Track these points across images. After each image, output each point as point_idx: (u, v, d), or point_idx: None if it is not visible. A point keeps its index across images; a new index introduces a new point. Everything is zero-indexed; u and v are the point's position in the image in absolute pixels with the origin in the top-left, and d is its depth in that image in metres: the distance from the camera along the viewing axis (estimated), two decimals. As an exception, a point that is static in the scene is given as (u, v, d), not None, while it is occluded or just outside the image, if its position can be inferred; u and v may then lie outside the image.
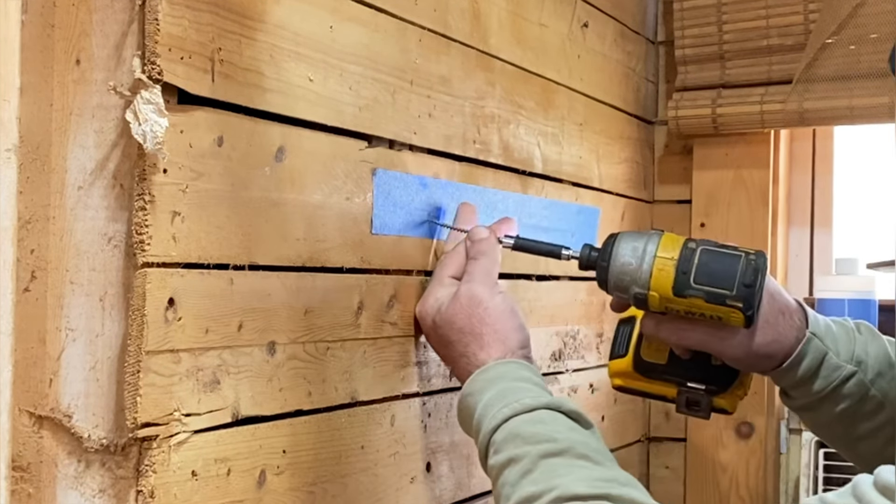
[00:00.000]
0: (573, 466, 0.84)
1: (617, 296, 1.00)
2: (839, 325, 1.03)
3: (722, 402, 1.04)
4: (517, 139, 1.26)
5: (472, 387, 0.95)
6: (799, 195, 1.75)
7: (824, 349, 1.00)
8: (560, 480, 0.82)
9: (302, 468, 0.90)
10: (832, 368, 1.00)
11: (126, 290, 0.74)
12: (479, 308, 0.98)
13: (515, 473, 0.86)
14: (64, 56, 0.76)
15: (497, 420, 0.90)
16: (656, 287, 0.96)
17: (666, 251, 0.96)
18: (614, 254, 0.97)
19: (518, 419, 0.89)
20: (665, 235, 0.97)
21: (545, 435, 0.87)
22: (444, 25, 1.10)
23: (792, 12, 1.58)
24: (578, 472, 0.83)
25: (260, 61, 0.84)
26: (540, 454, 0.85)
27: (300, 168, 0.89)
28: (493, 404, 0.91)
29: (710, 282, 0.94)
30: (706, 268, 0.94)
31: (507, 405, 0.90)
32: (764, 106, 1.59)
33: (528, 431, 0.88)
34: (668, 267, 0.95)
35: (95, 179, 0.75)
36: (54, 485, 0.75)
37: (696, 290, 0.95)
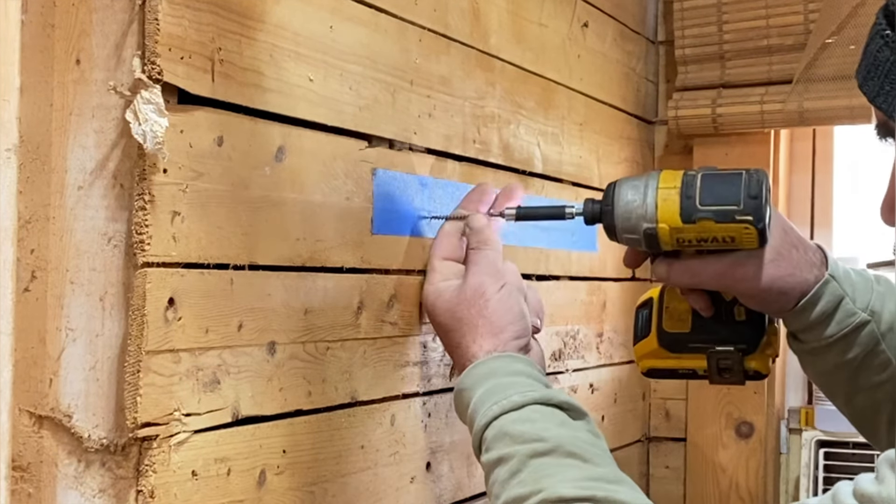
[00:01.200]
0: (561, 466, 0.84)
1: (626, 239, 0.98)
2: (858, 274, 1.02)
3: (754, 364, 1.02)
4: (517, 139, 1.26)
5: (465, 382, 0.95)
6: (799, 195, 1.75)
7: (841, 293, 0.98)
8: (547, 482, 0.82)
9: (302, 468, 0.90)
10: (847, 314, 0.98)
11: (126, 290, 0.74)
12: (482, 300, 0.98)
13: (505, 473, 0.86)
14: (64, 56, 0.76)
15: (487, 418, 0.90)
16: (664, 218, 0.95)
17: (667, 182, 0.95)
18: (617, 196, 0.96)
19: (506, 417, 0.89)
20: (664, 171, 0.97)
21: (533, 434, 0.87)
22: (444, 25, 1.10)
23: (792, 12, 1.58)
24: (566, 472, 0.83)
25: (260, 61, 0.84)
26: (528, 454, 0.85)
27: (300, 168, 0.89)
28: (483, 401, 0.91)
29: (716, 201, 0.93)
30: (710, 189, 0.94)
31: (496, 402, 0.90)
32: (764, 106, 1.59)
33: (516, 430, 0.88)
34: (673, 195, 0.94)
35: (95, 179, 0.75)
36: (54, 485, 0.75)
37: (704, 212, 0.93)
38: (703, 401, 1.69)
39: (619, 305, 1.58)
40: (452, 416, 1.12)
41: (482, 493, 1.18)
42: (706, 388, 1.68)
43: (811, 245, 1.01)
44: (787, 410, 1.71)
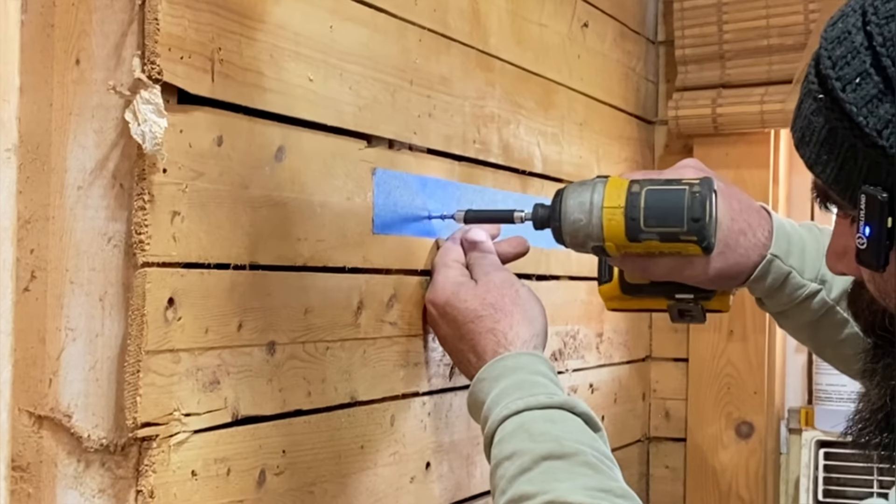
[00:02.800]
0: (573, 473, 0.84)
1: (578, 250, 1.01)
2: (811, 237, 1.02)
3: (714, 305, 1.04)
4: (517, 139, 1.26)
5: (489, 373, 0.94)
6: (799, 195, 1.75)
7: (786, 269, 1.00)
8: (557, 485, 0.82)
9: (301, 468, 0.90)
10: (795, 287, 1.00)
11: (126, 290, 0.74)
12: (511, 289, 0.99)
13: (514, 469, 0.85)
14: (64, 56, 0.76)
15: (509, 410, 0.89)
16: (610, 237, 0.97)
17: (612, 200, 0.96)
18: (563, 212, 0.98)
19: (529, 414, 0.89)
20: (609, 182, 0.98)
21: (553, 435, 0.86)
22: (444, 25, 1.10)
23: (792, 12, 1.58)
24: (577, 480, 0.83)
25: (260, 61, 0.84)
26: (542, 455, 0.85)
27: (300, 168, 0.89)
28: (507, 394, 0.91)
29: (659, 223, 0.95)
30: (653, 209, 0.95)
31: (521, 397, 0.90)
32: (764, 106, 1.59)
33: (536, 429, 0.87)
34: (617, 216, 0.96)
35: (95, 179, 0.75)
36: (54, 485, 0.75)
37: (648, 234, 0.96)
38: (703, 401, 1.69)
39: (619, 305, 1.57)
40: (452, 416, 1.12)
41: (482, 493, 1.18)
42: (706, 389, 1.68)
43: (757, 222, 1.01)
44: (787, 410, 1.71)
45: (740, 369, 1.66)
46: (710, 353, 1.68)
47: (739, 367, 1.65)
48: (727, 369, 1.66)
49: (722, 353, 1.67)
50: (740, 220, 0.99)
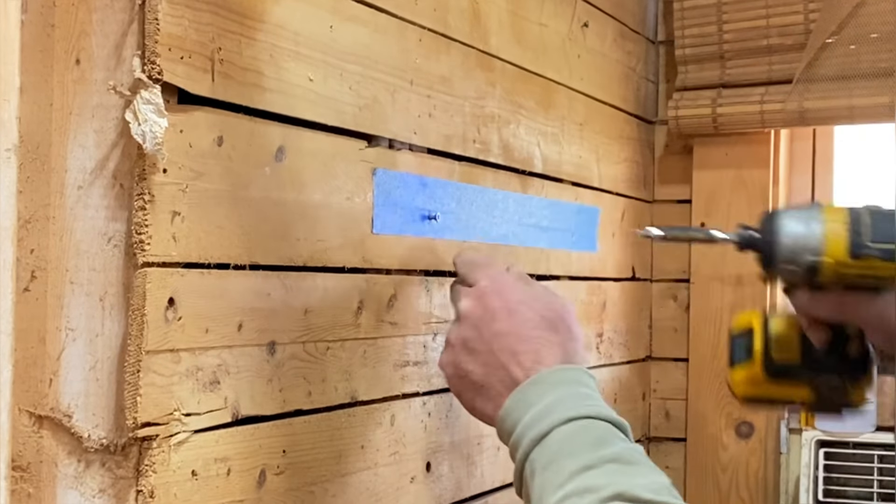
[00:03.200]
0: (639, 472, 0.83)
1: (783, 270, 0.95)
2: None
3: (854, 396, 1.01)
4: (517, 139, 1.26)
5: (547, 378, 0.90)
6: (799, 195, 1.75)
7: None
8: (623, 479, 0.81)
9: (302, 468, 0.90)
10: None
11: (126, 290, 0.74)
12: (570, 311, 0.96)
13: (577, 465, 0.83)
14: (64, 56, 0.76)
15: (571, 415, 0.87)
16: (831, 252, 0.93)
17: (833, 216, 0.94)
18: (779, 226, 0.94)
19: (592, 421, 0.87)
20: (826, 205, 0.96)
21: (612, 442, 0.86)
22: (444, 25, 1.10)
23: (792, 12, 1.58)
24: (639, 479, 0.82)
25: (260, 61, 0.84)
26: (608, 458, 0.83)
27: (300, 168, 0.89)
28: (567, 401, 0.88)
29: (885, 239, 0.92)
30: (879, 226, 0.93)
31: (584, 405, 0.88)
32: (764, 106, 1.59)
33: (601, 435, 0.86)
34: (841, 230, 0.93)
35: (95, 179, 0.75)
36: (54, 484, 0.75)
37: (872, 250, 0.92)
38: (703, 401, 1.69)
39: (620, 305, 1.58)
40: (452, 415, 1.12)
41: (482, 494, 1.18)
42: (706, 389, 1.68)
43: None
44: (787, 410, 1.71)
45: (740, 369, 1.65)
46: (710, 353, 1.68)
47: (739, 367, 1.65)
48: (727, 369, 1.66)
49: (722, 353, 1.67)
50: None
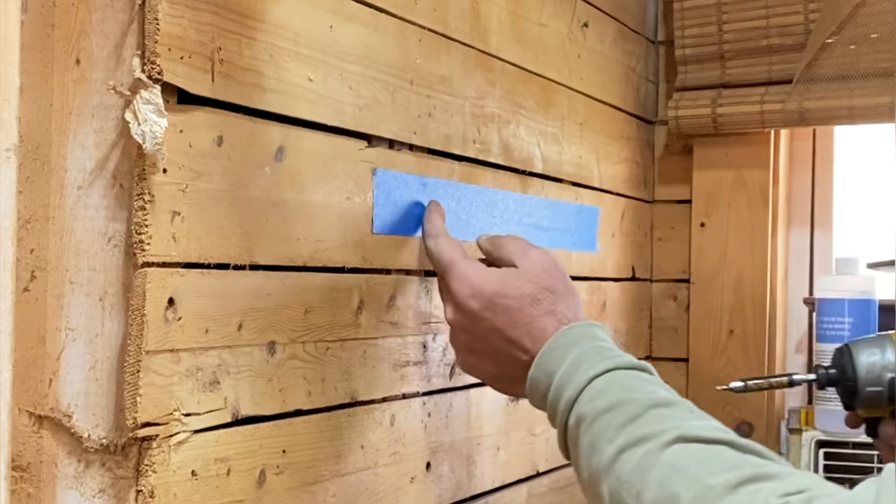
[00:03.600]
0: (687, 416, 0.82)
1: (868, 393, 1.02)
2: None
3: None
4: (517, 139, 1.26)
5: (559, 341, 0.91)
6: (799, 195, 1.75)
7: None
8: (678, 423, 0.80)
9: (302, 468, 0.90)
10: None
11: (126, 290, 0.74)
12: (560, 271, 0.97)
13: (622, 417, 0.82)
14: (64, 56, 0.76)
15: (598, 370, 0.87)
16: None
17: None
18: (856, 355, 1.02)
19: (621, 372, 0.87)
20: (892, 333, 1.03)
21: (651, 388, 0.85)
22: (444, 25, 1.10)
23: (792, 12, 1.58)
24: (693, 421, 0.81)
25: (260, 61, 0.84)
26: (649, 404, 0.82)
27: (300, 168, 0.89)
28: (588, 357, 0.88)
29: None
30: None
31: (605, 359, 0.88)
32: (764, 106, 1.59)
33: (633, 383, 0.85)
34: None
35: (95, 179, 0.75)
36: (54, 485, 0.75)
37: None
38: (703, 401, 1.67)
39: (620, 305, 1.58)
40: (452, 415, 1.12)
41: (482, 494, 1.18)
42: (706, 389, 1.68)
43: None
44: (787, 410, 1.71)
45: (740, 369, 1.65)
46: (710, 353, 1.68)
47: (739, 367, 1.65)
48: (727, 369, 1.66)
49: (722, 352, 1.67)
50: None
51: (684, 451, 0.78)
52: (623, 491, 0.79)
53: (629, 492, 0.78)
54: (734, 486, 0.74)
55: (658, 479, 0.77)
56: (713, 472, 0.75)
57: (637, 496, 0.78)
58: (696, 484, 0.75)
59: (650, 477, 0.77)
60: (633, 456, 0.79)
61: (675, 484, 0.76)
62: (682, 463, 0.77)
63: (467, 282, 0.95)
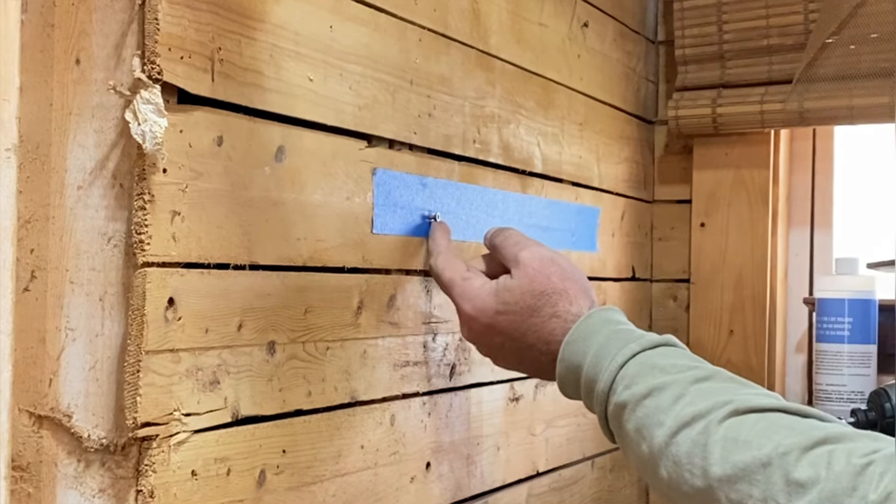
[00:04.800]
0: (730, 388, 0.81)
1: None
2: None
3: None
4: (517, 139, 1.26)
5: (579, 333, 0.90)
6: (799, 195, 1.75)
7: None
8: (727, 396, 0.79)
9: (302, 468, 0.90)
10: None
11: (126, 290, 0.74)
12: (553, 266, 0.95)
13: (666, 400, 0.81)
14: (64, 56, 0.76)
15: (624, 356, 0.86)
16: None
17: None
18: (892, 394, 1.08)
19: (645, 354, 0.86)
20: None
21: (684, 364, 0.83)
22: (444, 25, 1.10)
23: (792, 12, 1.58)
24: (740, 390, 0.80)
25: (260, 61, 0.84)
26: (689, 381, 0.81)
27: (300, 168, 0.89)
28: (610, 344, 0.87)
29: None
30: None
31: (628, 342, 0.87)
32: (764, 106, 1.59)
33: (664, 363, 0.84)
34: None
35: (95, 179, 0.75)
36: (54, 484, 0.75)
37: None
38: (703, 401, 1.68)
39: (620, 305, 1.58)
40: (452, 415, 1.12)
41: (482, 494, 1.18)
42: (706, 388, 1.68)
43: None
44: (787, 410, 1.71)
45: (740, 369, 1.65)
46: (710, 353, 1.68)
47: (739, 367, 1.65)
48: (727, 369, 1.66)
49: (722, 352, 1.67)
50: None
51: (742, 424, 0.77)
52: (685, 472, 0.78)
53: (692, 472, 0.77)
54: (806, 450, 0.73)
55: (723, 456, 0.76)
56: (780, 439, 0.74)
57: (703, 475, 0.76)
58: (764, 453, 0.74)
59: (713, 455, 0.76)
60: (688, 436, 0.78)
61: (742, 456, 0.75)
62: (743, 436, 0.76)
63: (469, 301, 0.97)
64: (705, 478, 0.76)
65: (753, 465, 0.74)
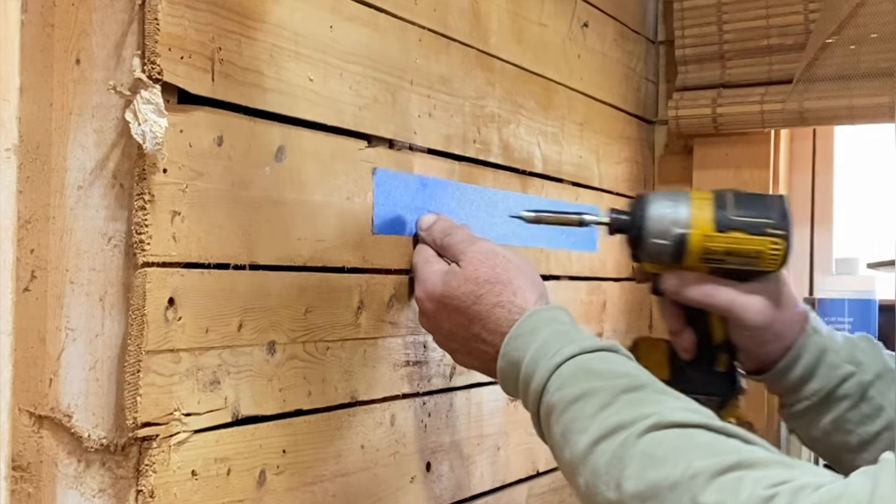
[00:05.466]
0: (657, 400, 0.80)
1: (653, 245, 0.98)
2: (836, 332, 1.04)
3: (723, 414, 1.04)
4: (517, 139, 1.26)
5: (521, 330, 0.90)
6: (799, 195, 1.75)
7: (825, 345, 1.00)
8: (652, 409, 0.78)
9: (302, 468, 0.90)
10: (831, 367, 0.99)
11: (126, 290, 0.74)
12: (498, 258, 0.96)
13: (593, 406, 0.80)
14: (64, 56, 0.76)
15: (562, 356, 0.85)
16: (697, 224, 0.97)
17: (699, 195, 0.98)
18: (649, 204, 0.98)
19: (583, 357, 0.85)
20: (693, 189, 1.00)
21: (618, 371, 0.83)
22: (444, 25, 1.10)
23: (792, 12, 1.58)
24: (667, 403, 0.79)
25: (260, 61, 0.84)
26: (619, 389, 0.80)
27: (300, 168, 0.89)
28: (549, 343, 0.87)
29: (748, 213, 0.97)
30: (742, 203, 0.97)
31: (569, 343, 0.86)
32: (764, 106, 1.59)
33: (599, 368, 0.83)
34: (706, 205, 0.97)
35: (95, 179, 0.75)
36: (54, 484, 0.75)
37: (736, 222, 0.96)
38: (703, 401, 1.68)
39: (620, 305, 1.58)
40: (452, 415, 1.12)
41: (482, 494, 1.18)
42: (706, 388, 1.68)
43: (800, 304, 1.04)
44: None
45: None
46: (710, 353, 1.67)
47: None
48: (727, 369, 1.66)
49: (722, 353, 1.67)
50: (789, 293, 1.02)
51: (662, 440, 0.76)
52: (601, 483, 0.77)
53: (608, 484, 0.77)
54: (717, 474, 0.72)
55: (637, 471, 0.75)
56: (693, 459, 0.73)
57: (617, 488, 0.76)
58: (676, 473, 0.73)
59: (629, 469, 0.76)
60: (609, 447, 0.78)
61: (655, 474, 0.74)
62: (660, 452, 0.75)
63: (422, 284, 1.00)
64: (618, 492, 0.76)
65: (663, 485, 0.73)
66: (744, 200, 0.98)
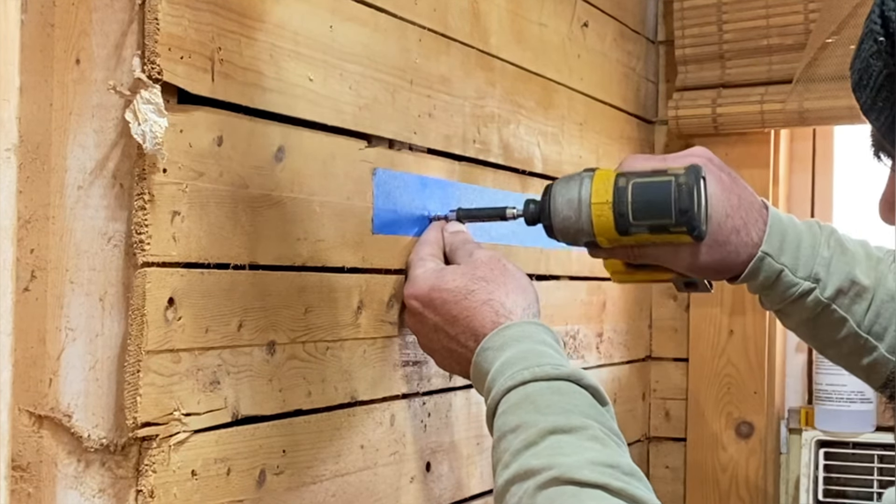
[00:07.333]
0: (580, 447, 0.80)
1: (571, 245, 1.02)
2: (809, 234, 1.03)
3: None
4: (517, 139, 1.26)
5: (493, 342, 0.91)
6: (799, 195, 1.75)
7: (778, 268, 1.01)
8: (563, 460, 0.78)
9: (302, 468, 0.90)
10: (787, 286, 1.01)
11: (126, 290, 0.74)
12: (498, 264, 0.98)
13: (519, 443, 0.82)
14: (64, 56, 0.76)
15: (514, 381, 0.86)
16: (601, 232, 0.98)
17: (599, 196, 0.98)
18: (553, 209, 1.00)
19: (535, 385, 0.85)
20: (596, 175, 0.99)
21: (560, 408, 0.83)
22: (444, 25, 1.10)
23: (792, 12, 1.58)
24: (584, 454, 0.79)
25: (260, 61, 0.84)
26: (549, 429, 0.81)
27: (300, 168, 0.89)
28: (511, 364, 0.88)
29: (647, 216, 0.96)
30: (640, 203, 0.96)
31: (526, 367, 0.87)
32: (764, 106, 1.59)
33: (543, 401, 0.84)
34: (606, 212, 0.97)
35: (95, 179, 0.75)
36: (54, 484, 0.75)
37: (637, 227, 0.97)
38: (703, 401, 1.69)
39: (620, 305, 1.58)
40: (452, 416, 1.12)
41: (482, 494, 1.18)
42: (706, 389, 1.68)
43: (755, 218, 1.01)
44: (787, 410, 1.71)
45: (740, 369, 1.66)
46: (710, 353, 1.68)
47: (739, 367, 1.65)
48: (727, 369, 1.66)
49: (722, 352, 1.67)
50: (736, 217, 0.99)
51: (558, 497, 0.77)
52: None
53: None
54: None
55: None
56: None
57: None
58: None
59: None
60: (518, 491, 0.80)
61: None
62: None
63: (410, 282, 1.01)
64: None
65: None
66: (643, 198, 0.96)
